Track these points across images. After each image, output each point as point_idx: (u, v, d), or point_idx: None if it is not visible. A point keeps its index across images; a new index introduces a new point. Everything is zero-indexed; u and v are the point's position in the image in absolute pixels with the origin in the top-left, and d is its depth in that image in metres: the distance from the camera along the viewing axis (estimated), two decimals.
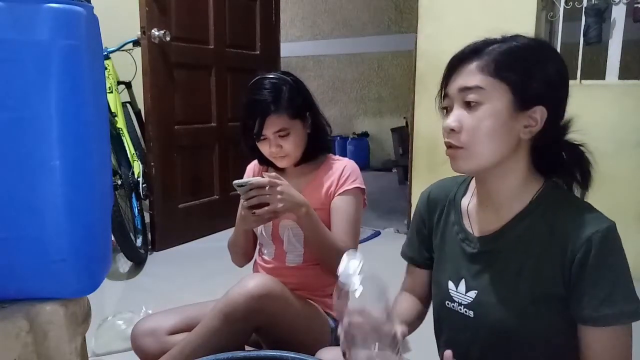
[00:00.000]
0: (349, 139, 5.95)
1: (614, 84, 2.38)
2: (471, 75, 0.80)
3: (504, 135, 0.80)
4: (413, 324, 1.00)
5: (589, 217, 0.79)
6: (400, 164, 4.77)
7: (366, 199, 1.40)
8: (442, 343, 0.99)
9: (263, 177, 1.19)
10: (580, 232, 0.77)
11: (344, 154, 5.57)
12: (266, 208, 1.19)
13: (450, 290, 0.92)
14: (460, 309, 0.90)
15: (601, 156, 0.88)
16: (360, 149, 5.90)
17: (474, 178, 0.95)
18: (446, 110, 0.85)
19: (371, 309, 0.73)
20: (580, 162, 0.86)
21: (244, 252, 1.45)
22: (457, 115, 0.82)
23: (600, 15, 2.33)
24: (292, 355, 0.86)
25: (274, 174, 1.22)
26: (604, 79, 2.42)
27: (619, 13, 2.35)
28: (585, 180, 0.86)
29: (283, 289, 1.22)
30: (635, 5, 2.31)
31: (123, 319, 1.77)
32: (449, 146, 0.83)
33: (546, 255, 0.81)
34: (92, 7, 0.88)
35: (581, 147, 0.86)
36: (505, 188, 0.85)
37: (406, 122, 4.45)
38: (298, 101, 1.31)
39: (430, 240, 1.02)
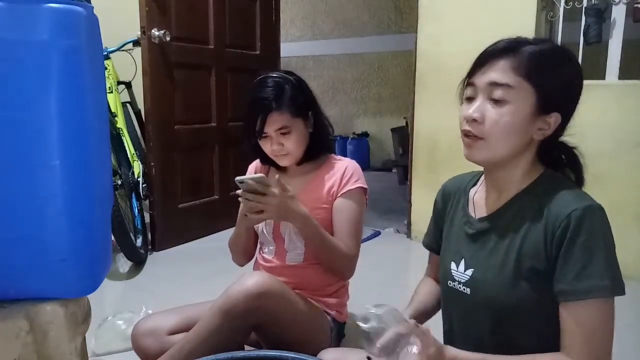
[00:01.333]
0: (349, 139, 5.95)
1: (614, 84, 2.38)
2: (503, 73, 0.83)
3: (520, 134, 0.85)
4: (434, 306, 1.08)
5: (574, 197, 0.83)
6: (400, 164, 4.77)
7: (367, 199, 1.40)
8: (445, 321, 1.04)
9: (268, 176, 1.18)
10: (562, 209, 0.81)
11: (344, 154, 5.56)
12: (258, 215, 1.20)
13: (452, 270, 0.97)
14: (460, 287, 0.95)
15: (601, 156, 0.90)
16: (360, 149, 5.89)
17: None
18: (467, 99, 0.88)
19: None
20: (573, 163, 0.91)
21: (244, 251, 1.45)
22: (481, 107, 0.85)
23: (600, 15, 2.33)
24: (292, 355, 0.86)
25: (281, 183, 1.21)
26: (604, 79, 2.42)
27: (619, 13, 2.35)
28: (578, 179, 0.91)
29: (283, 287, 1.22)
30: (635, 5, 2.30)
31: (123, 319, 1.77)
32: (467, 134, 0.87)
33: (532, 231, 0.85)
34: (92, 7, 0.88)
35: (574, 150, 0.91)
36: (510, 177, 0.90)
37: (406, 122, 4.44)
38: (300, 100, 1.32)
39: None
